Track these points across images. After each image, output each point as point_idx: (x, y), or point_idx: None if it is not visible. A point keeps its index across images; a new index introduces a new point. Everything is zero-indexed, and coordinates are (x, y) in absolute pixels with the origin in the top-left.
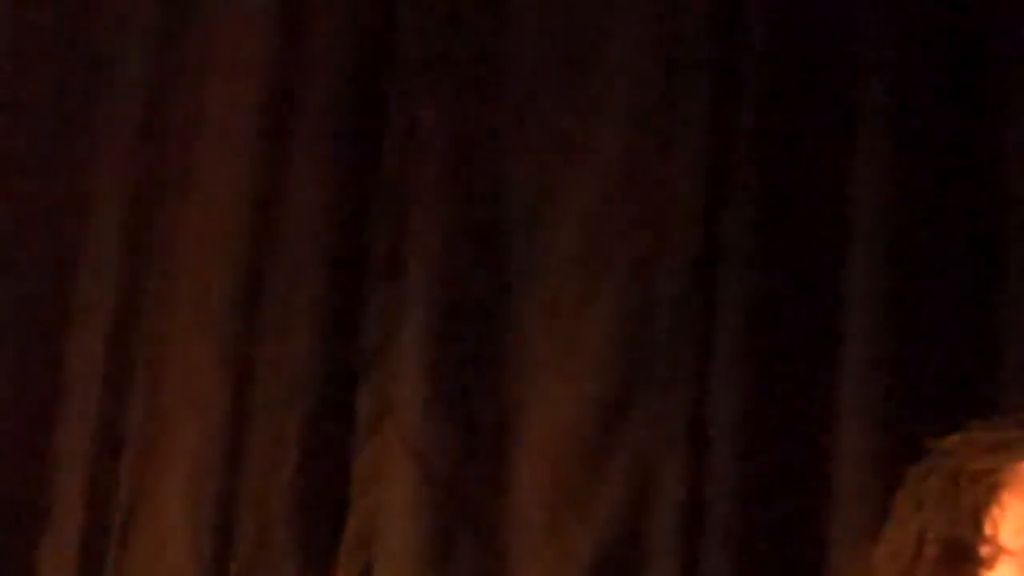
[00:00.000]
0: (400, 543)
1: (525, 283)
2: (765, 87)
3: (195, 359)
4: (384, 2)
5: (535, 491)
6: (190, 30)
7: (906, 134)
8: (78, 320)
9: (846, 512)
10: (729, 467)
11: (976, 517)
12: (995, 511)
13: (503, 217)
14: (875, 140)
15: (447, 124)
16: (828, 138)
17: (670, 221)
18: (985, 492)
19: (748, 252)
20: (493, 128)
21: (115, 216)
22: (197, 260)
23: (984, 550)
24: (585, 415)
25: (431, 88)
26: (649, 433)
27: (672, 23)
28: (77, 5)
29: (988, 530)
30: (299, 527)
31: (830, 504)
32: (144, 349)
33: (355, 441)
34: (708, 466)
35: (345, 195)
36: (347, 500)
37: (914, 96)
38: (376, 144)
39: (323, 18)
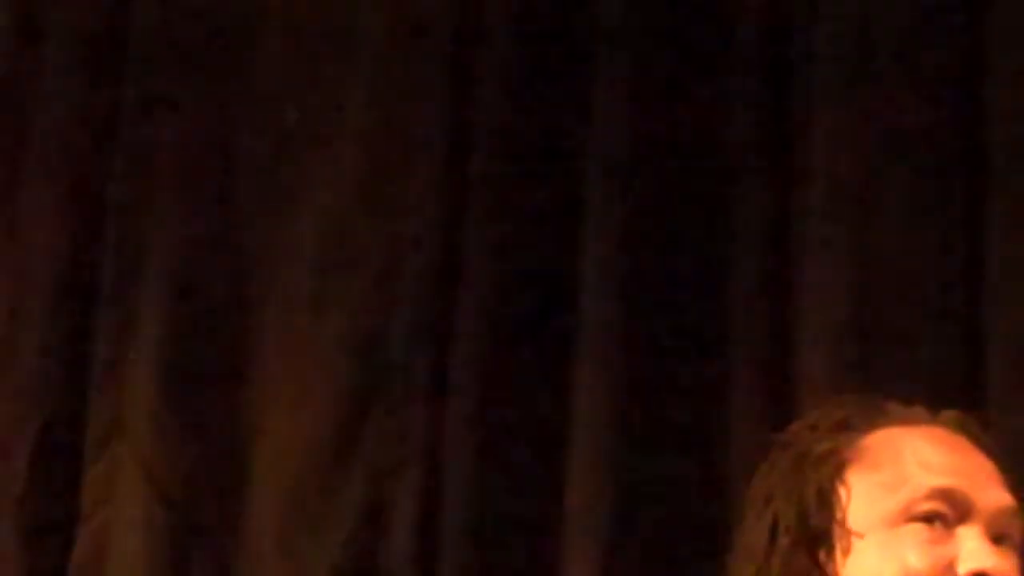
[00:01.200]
0: (130, 563)
1: (260, 298)
2: (502, 92)
3: None
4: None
5: (270, 511)
6: None
7: (640, 133)
8: None
9: (581, 523)
10: (463, 485)
11: (825, 500)
12: (842, 492)
13: (238, 232)
14: (608, 129)
15: (182, 136)
16: (563, 138)
17: (410, 235)
18: (830, 473)
19: (486, 265)
20: (229, 140)
21: None
22: None
23: (838, 534)
24: (320, 433)
25: (164, 97)
26: (383, 452)
27: (412, 17)
28: None
29: (838, 513)
30: (28, 545)
31: (563, 517)
32: None
33: (86, 459)
34: (442, 485)
35: (77, 208)
36: (77, 518)
37: (648, 91)
38: (108, 155)
39: (57, 26)
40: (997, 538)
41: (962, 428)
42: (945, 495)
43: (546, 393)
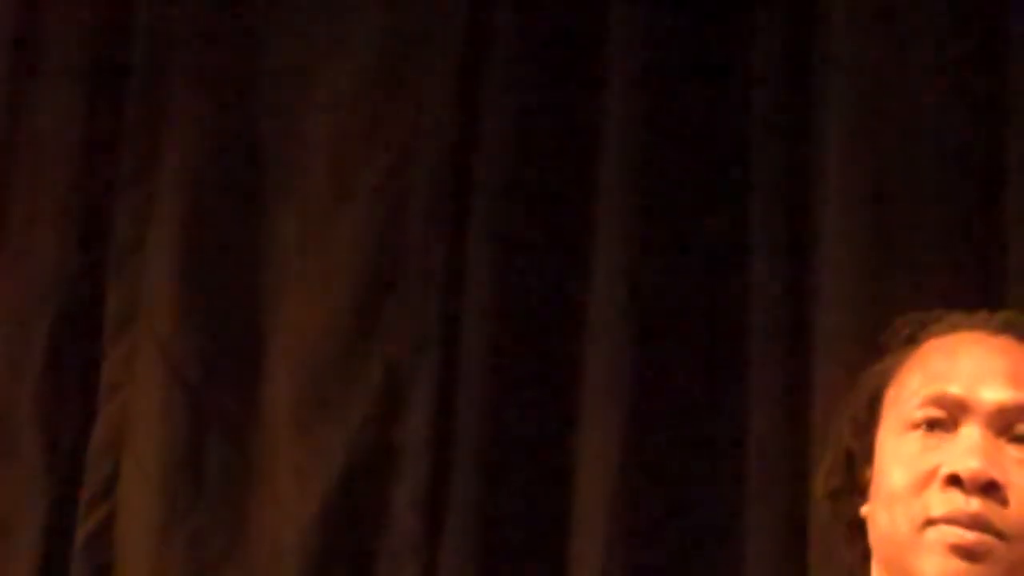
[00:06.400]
0: (148, 446)
1: (277, 182)
2: None
3: None
4: None
5: (287, 394)
6: None
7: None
8: None
9: (596, 415)
10: (480, 370)
11: (867, 417)
12: (880, 409)
13: (255, 117)
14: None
15: (199, 29)
16: (581, 41)
17: (424, 121)
18: (873, 391)
19: (502, 151)
20: (244, 31)
21: None
22: None
23: (871, 450)
24: (338, 317)
25: None
26: (401, 336)
27: None
28: None
29: (874, 430)
30: (46, 430)
31: (579, 406)
32: None
33: (104, 343)
34: (460, 370)
35: (96, 93)
36: (95, 402)
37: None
38: (128, 45)
39: None
40: (1013, 436)
41: (1008, 327)
42: (936, 400)
43: (564, 278)
